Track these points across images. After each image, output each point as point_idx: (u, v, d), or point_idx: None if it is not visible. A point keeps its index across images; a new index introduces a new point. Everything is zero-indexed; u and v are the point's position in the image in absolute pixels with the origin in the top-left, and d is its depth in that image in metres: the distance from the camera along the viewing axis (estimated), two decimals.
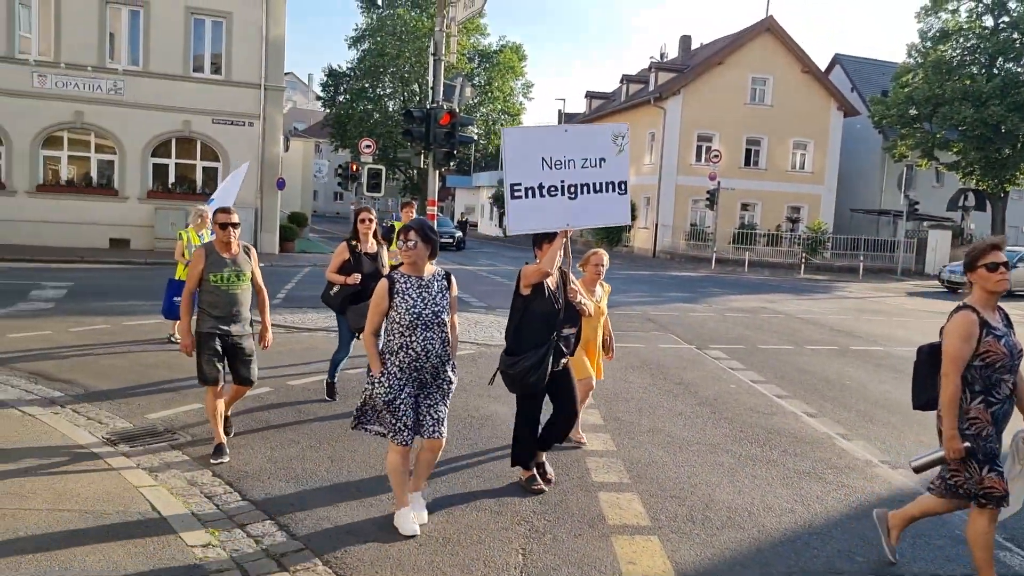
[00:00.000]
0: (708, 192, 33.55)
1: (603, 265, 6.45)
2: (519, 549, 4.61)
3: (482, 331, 12.30)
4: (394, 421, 4.58)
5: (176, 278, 9.68)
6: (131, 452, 5.89)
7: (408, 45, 52.05)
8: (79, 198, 24.03)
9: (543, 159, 5.37)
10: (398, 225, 10.55)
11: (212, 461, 5.70)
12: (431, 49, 12.97)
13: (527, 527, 4.92)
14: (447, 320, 4.70)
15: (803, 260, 33.06)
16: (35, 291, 14.24)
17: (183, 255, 9.74)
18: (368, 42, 55.63)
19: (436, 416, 4.71)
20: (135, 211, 24.42)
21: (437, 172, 13.27)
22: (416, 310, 4.56)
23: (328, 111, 61.15)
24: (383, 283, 4.67)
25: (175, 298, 8.90)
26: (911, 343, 13.29)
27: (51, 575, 3.91)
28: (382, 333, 4.76)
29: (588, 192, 5.49)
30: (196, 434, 6.42)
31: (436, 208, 13.39)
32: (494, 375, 5.53)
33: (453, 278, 4.83)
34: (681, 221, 38.22)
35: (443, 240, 34.85)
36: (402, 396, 4.58)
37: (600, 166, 5.51)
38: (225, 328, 5.78)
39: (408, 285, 4.62)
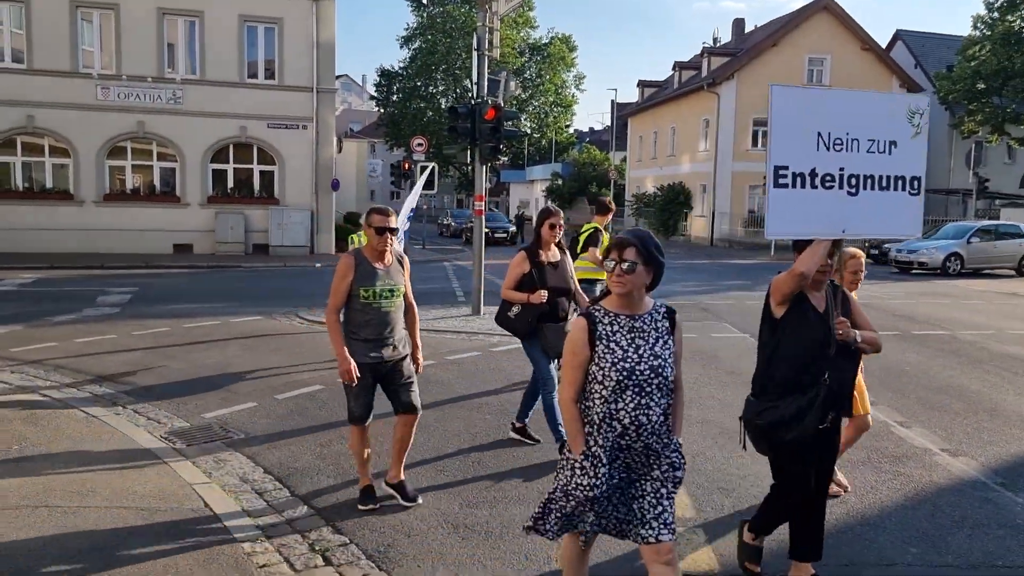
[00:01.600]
0: (765, 178, 32.80)
1: (862, 271, 5.08)
2: (561, 541, 4.60)
3: None
4: (595, 520, 3.29)
5: None
6: (187, 451, 6.07)
7: (458, 41, 52.30)
8: (143, 206, 24.82)
9: (819, 135, 3.94)
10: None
11: (360, 507, 4.98)
12: (474, 44, 13.00)
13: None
14: (670, 378, 3.27)
15: (866, 245, 32.13)
16: (101, 296, 14.77)
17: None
18: (419, 40, 56.08)
19: (656, 512, 3.23)
20: (196, 216, 25.11)
21: (485, 167, 13.30)
22: (626, 365, 3.19)
23: (382, 111, 61.87)
24: (580, 325, 3.27)
25: None
26: (978, 327, 12.87)
27: (113, 569, 4.06)
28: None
29: (872, 188, 4.03)
30: (249, 432, 6.58)
31: (483, 203, 13.42)
32: (742, 432, 4.13)
33: (677, 317, 3.39)
34: (738, 208, 37.57)
35: (497, 235, 35.34)
36: (608, 487, 3.23)
37: (890, 152, 4.06)
38: (378, 355, 4.88)
39: (616, 328, 3.25)
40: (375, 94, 62.04)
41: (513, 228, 38.99)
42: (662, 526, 3.20)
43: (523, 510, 5.02)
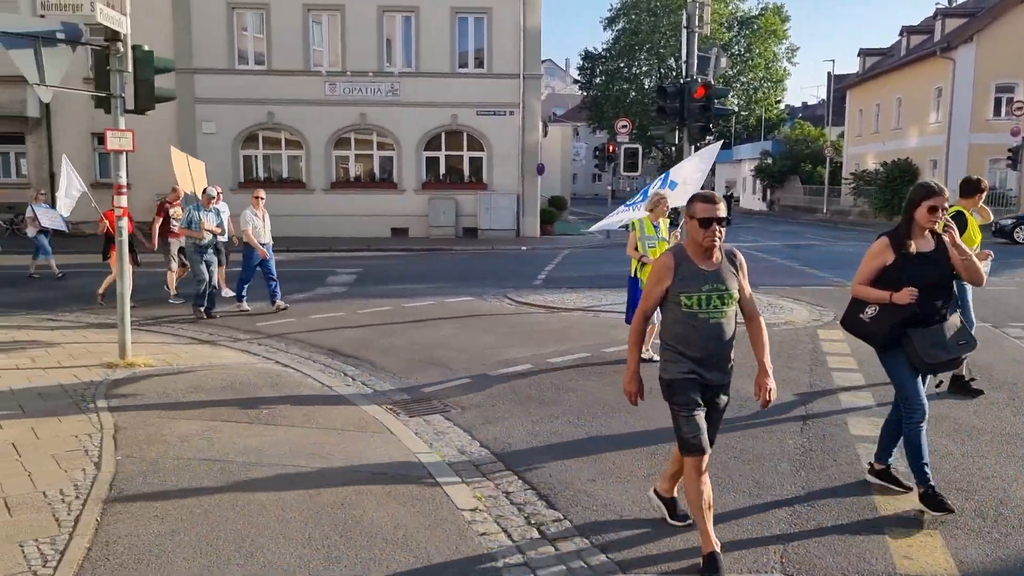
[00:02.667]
0: (1010, 150, 29.50)
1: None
2: (778, 534, 4.44)
3: None
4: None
5: (632, 275, 8.52)
6: (409, 422, 6.47)
7: (663, 19, 51.28)
8: (365, 192, 26.62)
9: None
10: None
11: None
12: (684, 22, 12.68)
13: (788, 511, 4.72)
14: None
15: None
16: (331, 277, 16.07)
17: (635, 248, 8.32)
18: (623, 21, 55.60)
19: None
20: (412, 202, 26.57)
21: (693, 147, 12.98)
22: None
23: (585, 94, 62.09)
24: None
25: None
26: None
27: (348, 525, 4.43)
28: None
29: None
30: (465, 406, 6.90)
31: None
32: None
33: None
34: None
35: None
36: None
37: None
38: (706, 375, 3.98)
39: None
40: (578, 77, 62.35)
41: None
42: None
43: (736, 495, 4.89)
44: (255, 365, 8.43)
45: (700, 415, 3.97)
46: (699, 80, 12.23)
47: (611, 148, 29.34)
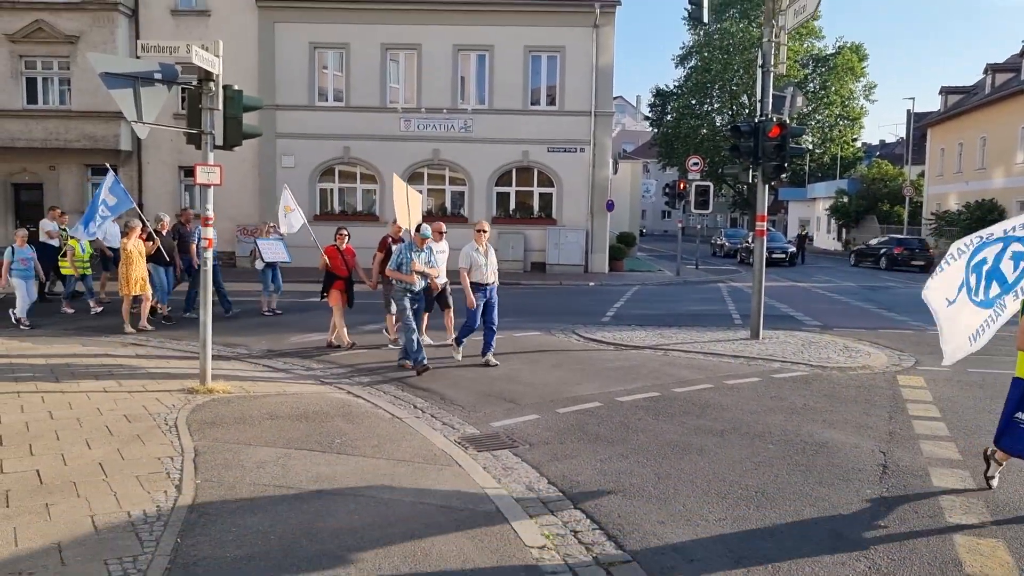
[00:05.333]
0: None
1: None
2: None
3: (817, 351, 11.60)
4: None
5: (1019, 376, 6.68)
6: (478, 456, 6.50)
7: (736, 57, 51.07)
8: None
9: None
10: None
11: None
12: (759, 60, 12.60)
13: (867, 563, 4.56)
14: None
15: None
16: None
17: None
18: (695, 59, 55.57)
19: None
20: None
21: (766, 186, 12.83)
22: None
23: (655, 131, 62.04)
24: None
25: None
26: None
27: (417, 558, 4.47)
28: None
29: None
30: (533, 442, 6.90)
31: (765, 224, 12.92)
32: None
33: None
34: None
35: (775, 256, 33.88)
36: None
37: None
38: None
39: None
40: (649, 114, 62.37)
41: (792, 249, 37.13)
42: None
43: (810, 546, 4.75)
44: (327, 394, 8.60)
45: None
46: (774, 119, 12.11)
47: (682, 185, 29.16)
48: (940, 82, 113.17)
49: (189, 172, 25.49)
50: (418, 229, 10.22)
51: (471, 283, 10.40)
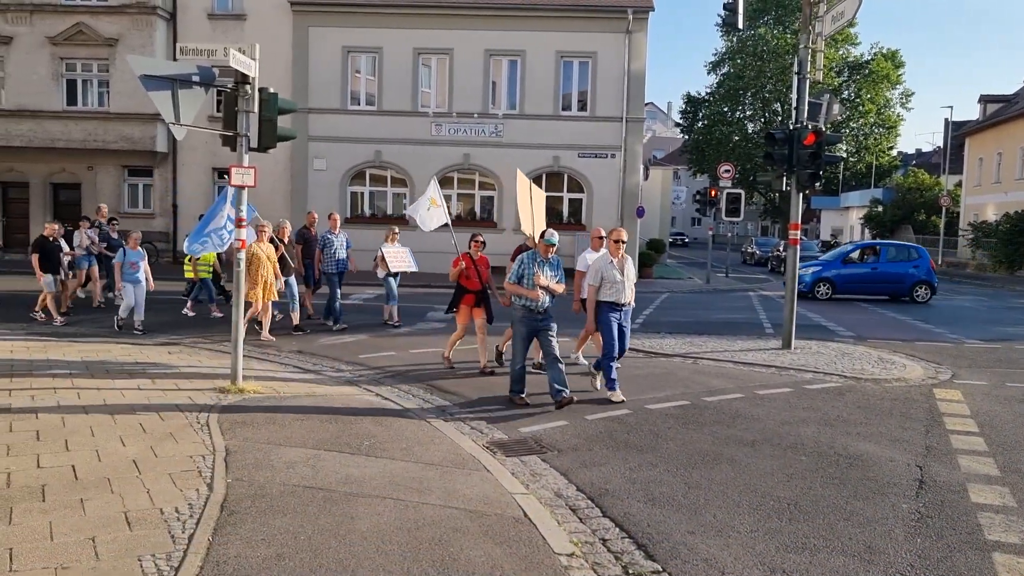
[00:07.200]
0: None
1: None
2: None
3: (851, 362, 11.42)
4: None
5: None
6: (506, 461, 6.48)
7: (769, 64, 50.59)
8: (465, 230, 27.03)
9: None
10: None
11: None
12: (795, 67, 12.47)
13: None
14: None
15: None
16: (431, 312, 16.37)
17: None
18: (727, 65, 55.18)
19: None
20: (509, 241, 26.76)
21: (800, 194, 12.67)
22: None
23: (686, 138, 61.69)
24: None
25: None
26: None
27: (445, 563, 4.45)
28: None
29: None
30: (562, 448, 6.86)
31: (799, 232, 12.77)
32: None
33: None
34: None
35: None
36: None
37: None
38: None
39: None
40: (680, 121, 62.01)
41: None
42: None
43: (844, 561, 4.67)
44: (357, 396, 8.64)
45: None
46: (809, 127, 11.97)
47: (713, 192, 28.96)
48: (979, 90, 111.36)
49: (223, 173, 25.84)
50: (542, 236, 8.88)
51: (601, 301, 8.76)
